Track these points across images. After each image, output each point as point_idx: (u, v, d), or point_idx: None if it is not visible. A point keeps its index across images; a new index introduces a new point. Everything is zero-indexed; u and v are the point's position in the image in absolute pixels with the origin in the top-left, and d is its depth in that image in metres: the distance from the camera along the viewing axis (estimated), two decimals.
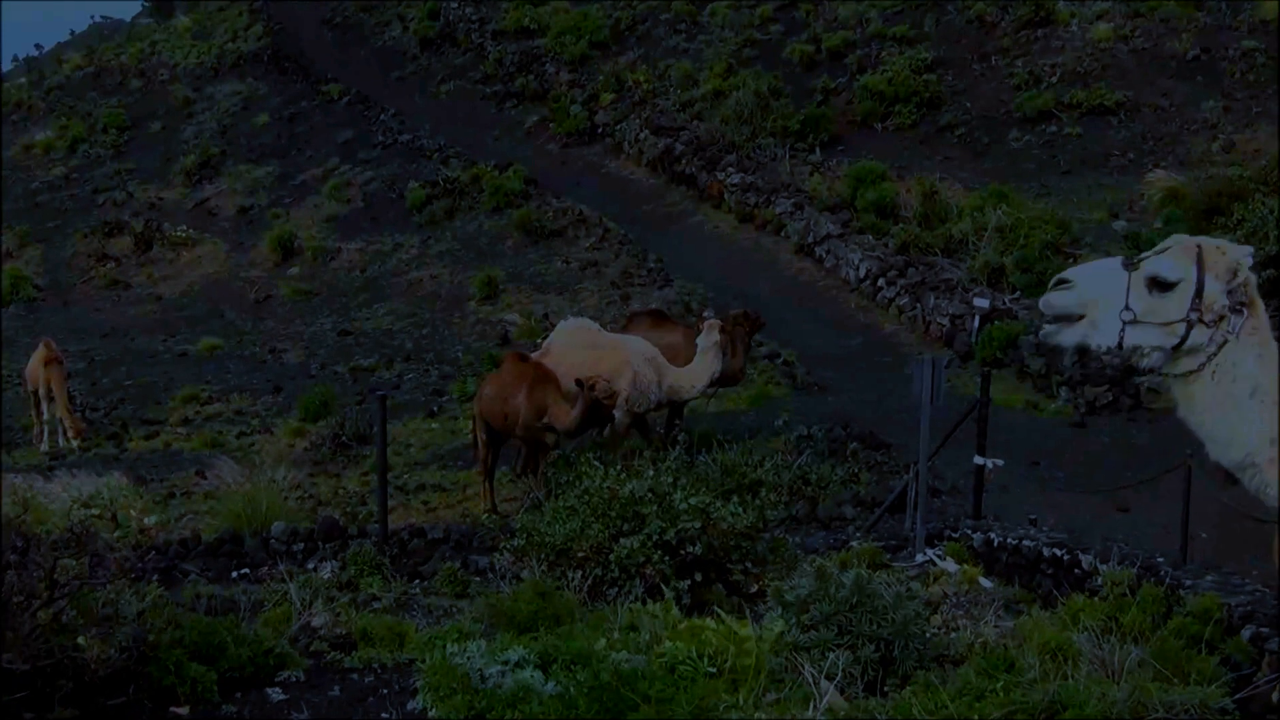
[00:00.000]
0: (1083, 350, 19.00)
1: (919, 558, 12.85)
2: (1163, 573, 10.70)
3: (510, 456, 16.84)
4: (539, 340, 24.25)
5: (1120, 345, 6.08)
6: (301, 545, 14.82)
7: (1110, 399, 19.12)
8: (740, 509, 11.18)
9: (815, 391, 20.65)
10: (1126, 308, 6.09)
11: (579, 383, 15.76)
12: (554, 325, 24.91)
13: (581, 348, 17.10)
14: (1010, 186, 25.91)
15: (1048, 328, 6.16)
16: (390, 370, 24.17)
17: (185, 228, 35.00)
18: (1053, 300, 6.20)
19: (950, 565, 12.51)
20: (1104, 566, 11.17)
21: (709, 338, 17.62)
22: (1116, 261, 6.42)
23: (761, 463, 15.69)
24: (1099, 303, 6.07)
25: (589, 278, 27.24)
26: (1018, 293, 22.34)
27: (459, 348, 25.15)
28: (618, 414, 16.93)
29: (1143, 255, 6.19)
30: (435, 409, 21.56)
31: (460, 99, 38.45)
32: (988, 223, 24.00)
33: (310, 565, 14.02)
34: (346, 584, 12.19)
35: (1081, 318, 6.13)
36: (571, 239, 29.28)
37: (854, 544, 13.28)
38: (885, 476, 16.40)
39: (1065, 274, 6.19)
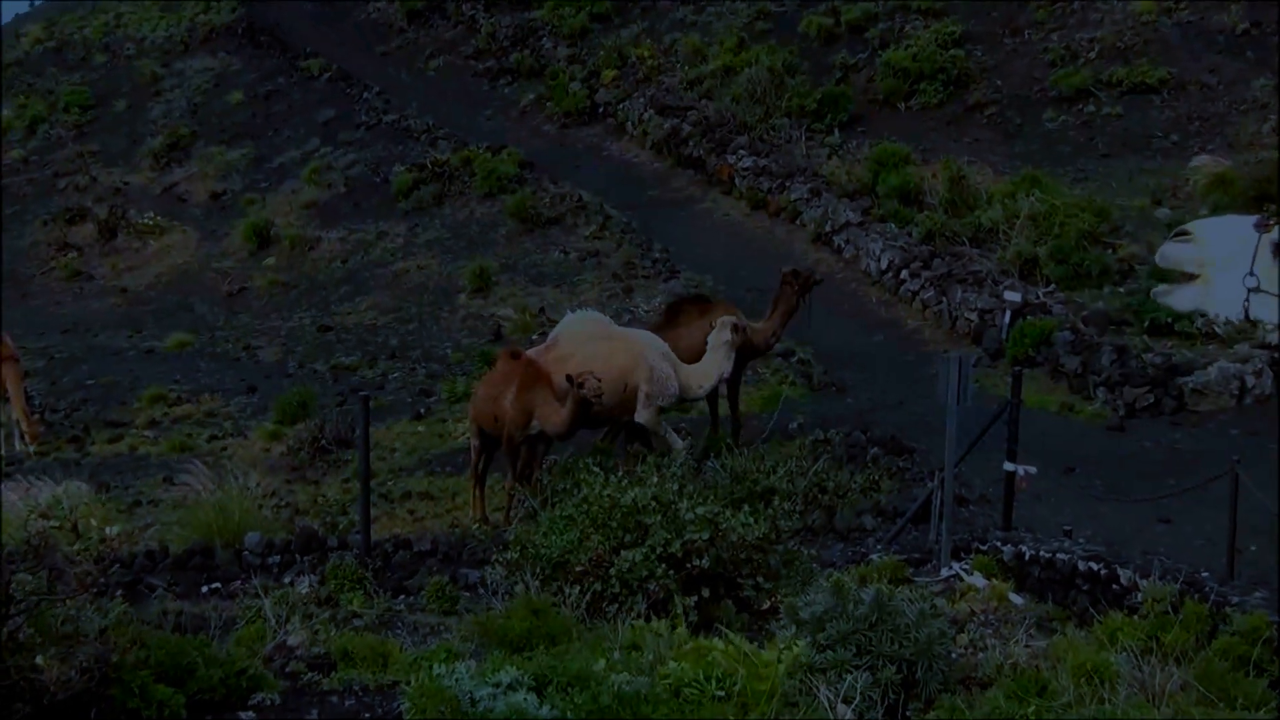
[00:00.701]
0: (1121, 350, 18.84)
1: (944, 572, 12.86)
2: (1207, 589, 10.72)
3: (504, 462, 16.84)
4: (534, 336, 24.38)
5: (1246, 316, 6.03)
6: (277, 558, 14.82)
7: (1151, 401, 19.12)
8: (751, 519, 11.21)
9: (833, 392, 20.65)
10: (1251, 273, 6.03)
11: (569, 379, 15.82)
12: (551, 320, 25.02)
13: (591, 340, 17.24)
14: (1044, 171, 25.88)
15: (1160, 286, 6.14)
16: (374, 369, 24.18)
17: (153, 215, 35.02)
18: (1168, 252, 6.14)
19: (978, 580, 12.52)
20: (1144, 582, 11.19)
21: (720, 336, 17.70)
22: (1247, 220, 6.35)
23: (774, 469, 15.68)
24: (1219, 262, 5.99)
25: (589, 269, 27.26)
26: (1052, 286, 22.34)
27: (448, 344, 25.16)
28: (643, 413, 17.14)
29: (1277, 217, 6.11)
30: (422, 410, 21.57)
31: (450, 76, 38.48)
32: (1020, 210, 23.98)
33: (287, 579, 14.01)
34: (326, 600, 12.19)
35: (1198, 278, 6.07)
36: (570, 227, 29.28)
37: (874, 557, 13.30)
38: (908, 484, 16.40)
39: (1187, 225, 6.11)
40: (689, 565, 10.62)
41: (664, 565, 10.55)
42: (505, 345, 21.45)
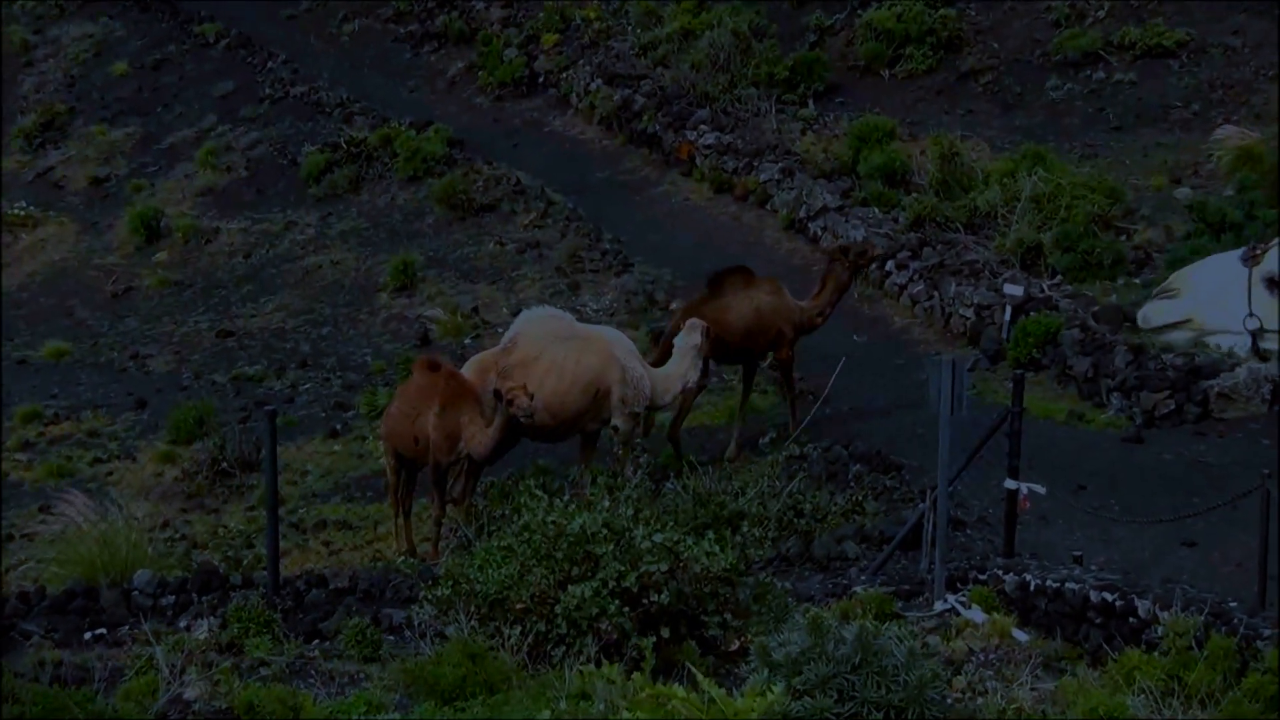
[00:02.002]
0: (1137, 350, 19.02)
1: (938, 605, 12.92)
2: (1236, 621, 10.81)
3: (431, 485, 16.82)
4: (467, 340, 24.37)
5: (1257, 353, 6.16)
6: (172, 598, 14.75)
7: (1172, 407, 19.21)
8: (717, 547, 11.24)
9: (809, 401, 20.67)
10: (1250, 314, 6.13)
11: (496, 395, 15.87)
12: (485, 322, 25.07)
13: (555, 341, 17.47)
14: (1048, 146, 25.98)
15: (1159, 340, 6.25)
16: (282, 380, 24.09)
17: (24, 204, 34.77)
18: (1150, 314, 6.24)
19: (976, 614, 12.58)
20: (1165, 614, 11.27)
21: (688, 339, 17.82)
22: (1231, 256, 6.45)
23: (743, 490, 15.72)
24: (1212, 308, 6.11)
25: (529, 262, 27.22)
26: (1058, 277, 22.44)
27: (367, 351, 25.10)
28: (619, 420, 17.43)
29: (1263, 245, 6.23)
30: (338, 427, 21.50)
31: (367, 42, 38.37)
32: (1021, 191, 24.08)
33: (182, 623, 13.96)
34: (228, 646, 12.15)
35: (1190, 325, 6.19)
36: (506, 215, 29.23)
37: (857, 589, 13.34)
38: (896, 506, 16.44)
39: (1171, 279, 6.26)
40: (646, 601, 10.65)
41: (617, 601, 10.57)
42: (431, 351, 21.44)
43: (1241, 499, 13.41)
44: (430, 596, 11.63)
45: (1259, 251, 19.13)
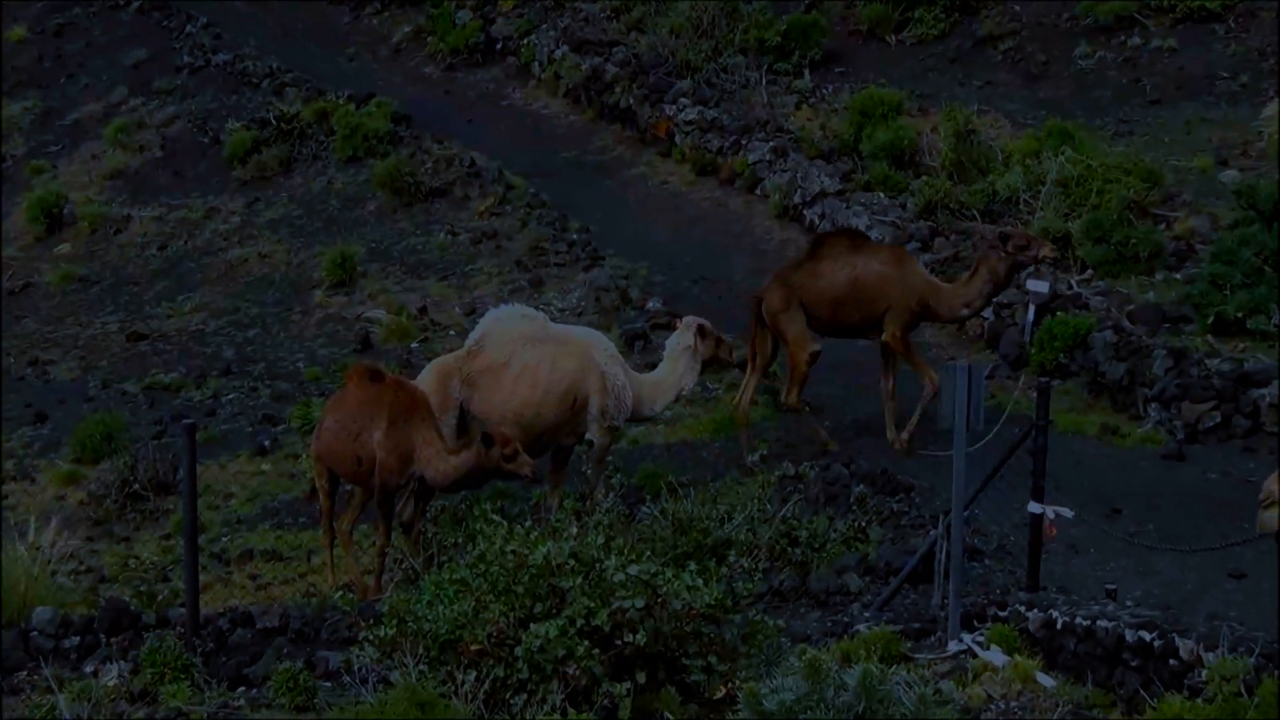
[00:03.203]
0: (1178, 355, 19.04)
1: (952, 646, 12.93)
2: None
3: (374, 509, 16.78)
4: (414, 345, 24.30)
5: None
6: (76, 639, 14.71)
7: (1218, 420, 19.23)
8: (700, 580, 11.23)
9: (805, 413, 20.68)
10: None
11: (486, 438, 15.76)
12: (435, 324, 25.03)
13: (527, 344, 17.49)
14: (1077, 123, 26.01)
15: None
16: (202, 389, 24.00)
17: None
18: None
19: (996, 656, 12.59)
20: (1210, 655, 11.31)
21: (681, 339, 17.87)
22: None
23: (730, 515, 15.69)
24: None
25: (485, 255, 27.18)
26: (1088, 271, 22.47)
27: (300, 356, 25.05)
28: (595, 433, 17.48)
29: None
30: (267, 443, 21.44)
31: (301, 3, 38.33)
32: (1046, 174, 24.10)
33: (89, 668, 13.92)
34: (140, 694, 12.13)
35: None
36: (460, 200, 29.20)
37: (860, 628, 13.34)
38: (904, 532, 16.46)
39: None
40: (619, 642, 10.64)
41: (586, 642, 10.56)
42: (373, 357, 21.41)
43: None
44: (372, 637, 11.60)
45: None
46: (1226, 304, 20.27)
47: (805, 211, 26.72)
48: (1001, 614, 13.63)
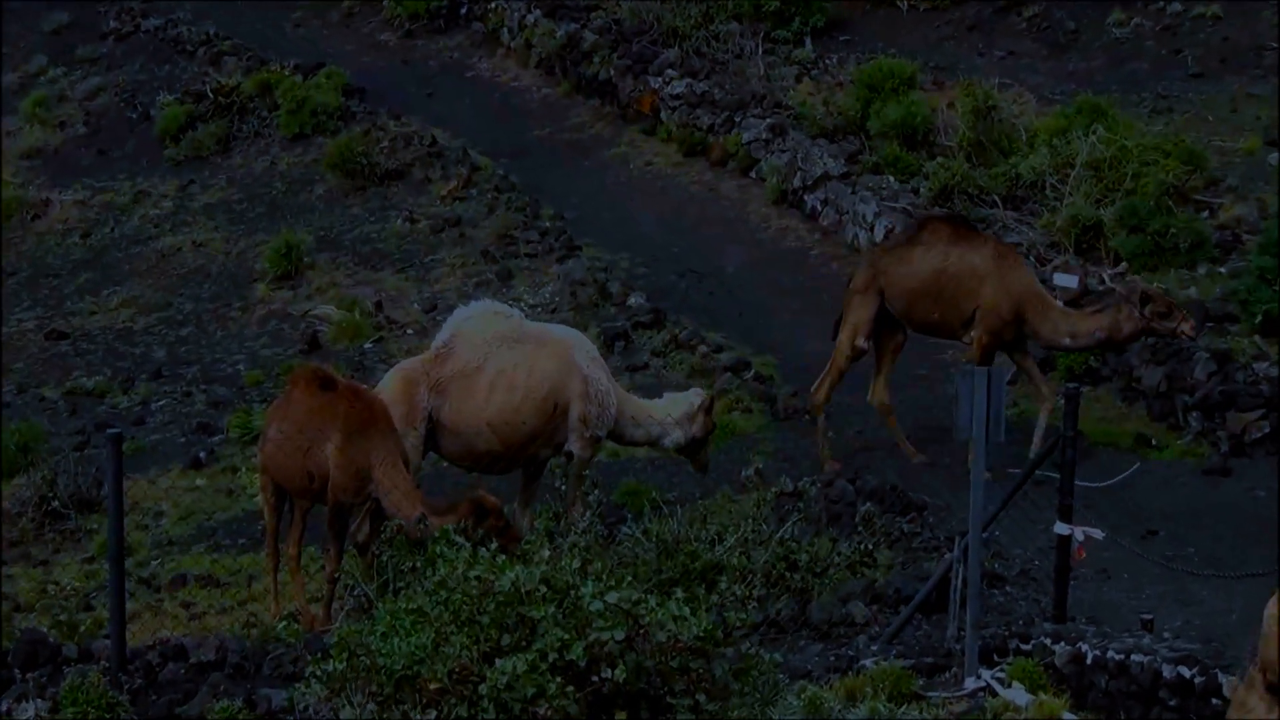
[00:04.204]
0: (1222, 358, 19.05)
1: (969, 683, 12.96)
2: None
3: (324, 528, 16.79)
4: (367, 345, 24.29)
5: None
6: None
7: (1266, 430, 19.22)
8: (687, 610, 11.22)
9: (807, 423, 20.71)
10: None
11: (477, 506, 15.63)
12: (392, 322, 25.01)
13: (503, 345, 17.52)
14: (1110, 98, 26.08)
15: None
16: (130, 395, 24.00)
17: None
18: None
19: (1019, 695, 12.62)
20: None
21: (691, 398, 18.02)
22: None
23: (721, 536, 15.70)
24: None
25: (447, 244, 27.16)
26: (1123, 264, 22.51)
27: (239, 358, 25.03)
28: (575, 444, 17.52)
29: None
30: (202, 456, 21.44)
31: None
32: (1075, 155, 24.17)
33: (2, 706, 13.90)
34: None
35: None
36: (419, 183, 29.20)
37: (867, 663, 13.35)
38: (916, 556, 16.48)
39: None
40: (596, 678, 10.63)
41: (559, 679, 10.54)
42: (322, 359, 21.39)
43: None
44: (319, 672, 11.58)
45: None
46: (1276, 301, 20.27)
47: (806, 197, 26.78)
48: (1024, 647, 13.65)
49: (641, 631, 10.93)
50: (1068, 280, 21.71)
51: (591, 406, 17.45)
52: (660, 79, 29.84)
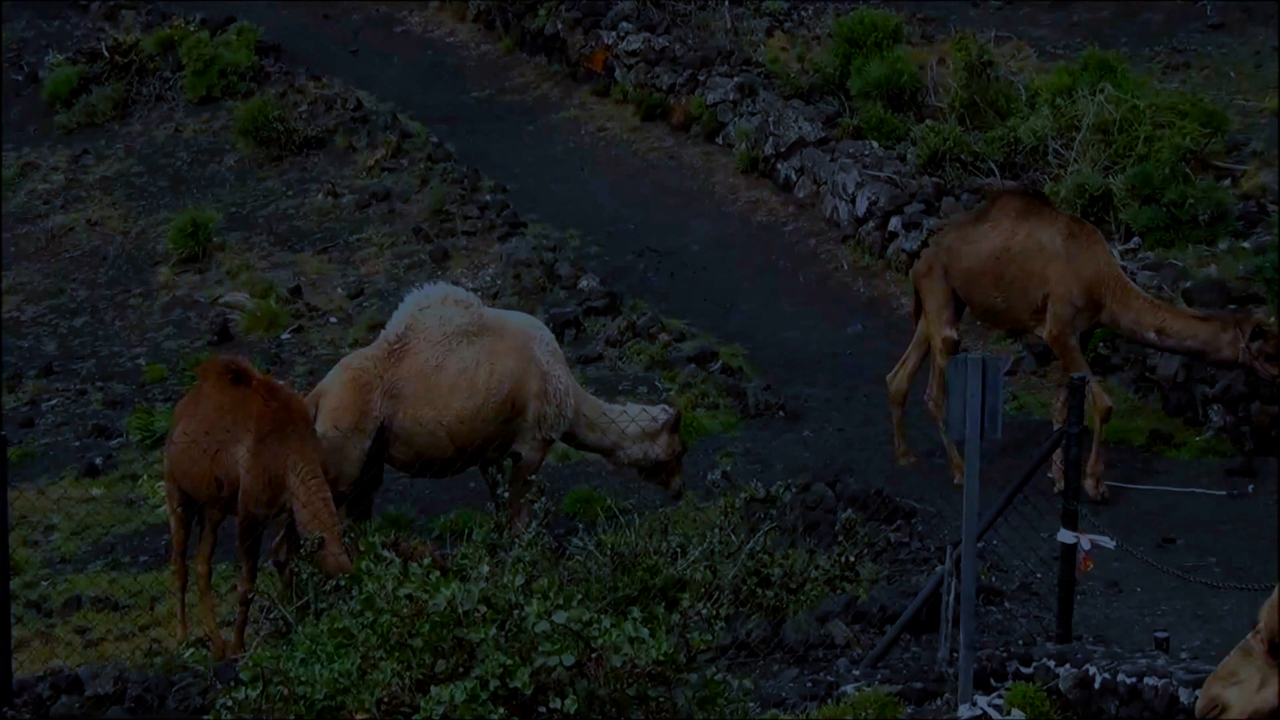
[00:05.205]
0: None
1: (964, 711, 12.96)
2: None
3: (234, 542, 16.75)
4: (285, 335, 24.24)
5: None
6: None
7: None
8: (645, 631, 11.20)
9: (781, 420, 20.74)
10: None
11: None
12: (312, 308, 24.92)
13: (462, 339, 17.46)
14: (1120, 52, 26.15)
15: None
16: (16, 393, 23.95)
17: None
18: None
19: None
20: None
21: (658, 413, 18.07)
22: None
23: (684, 549, 15.66)
24: None
25: (374, 221, 27.15)
26: (1135, 240, 22.55)
27: (140, 351, 24.99)
28: (526, 447, 17.52)
29: None
30: (98, 462, 21.39)
31: None
32: (1081, 117, 24.22)
33: None
34: None
35: None
36: (343, 153, 29.21)
37: (848, 689, 13.35)
38: (904, 569, 16.49)
39: None
40: (543, 709, 10.62)
41: (502, 709, 10.55)
42: (234, 351, 21.31)
43: None
44: (231, 703, 11.56)
45: None
46: None
47: (779, 165, 26.84)
48: (1025, 670, 13.65)
49: (594, 656, 10.92)
50: None
51: (549, 407, 17.42)
52: (614, 33, 29.91)
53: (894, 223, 24.59)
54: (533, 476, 17.36)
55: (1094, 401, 18.20)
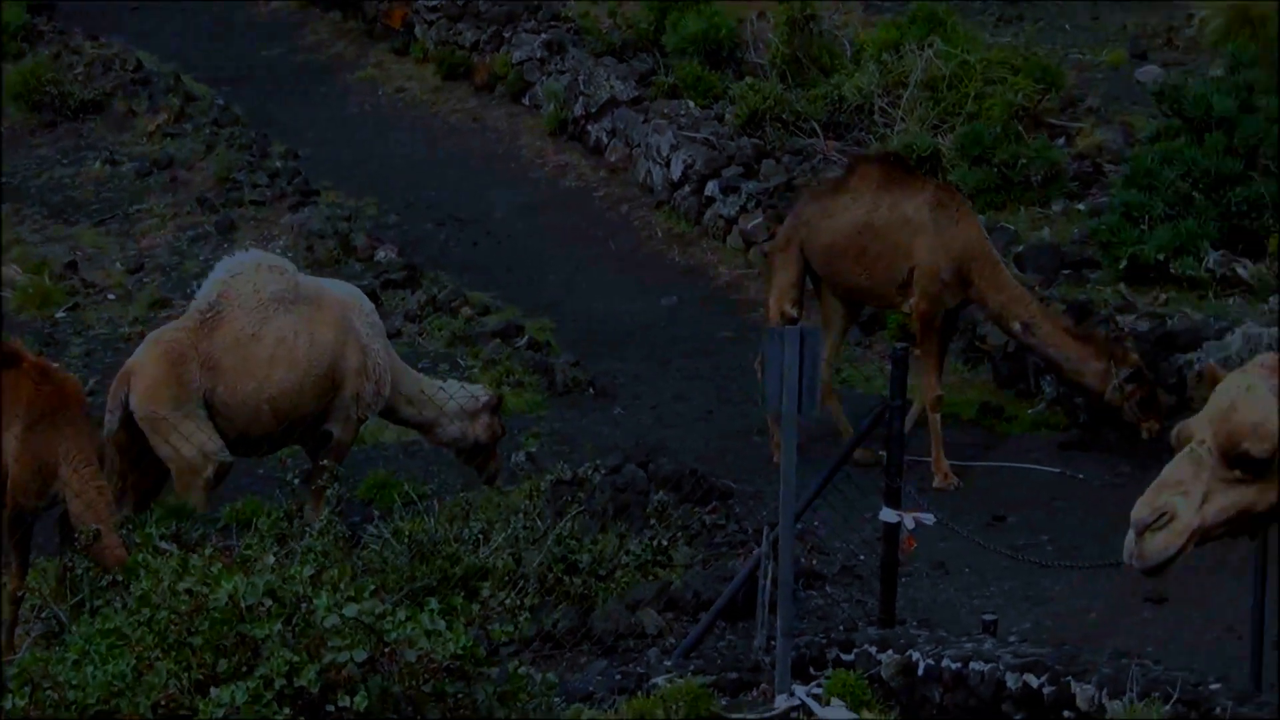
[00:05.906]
0: (1082, 311, 19.14)
1: (781, 701, 13.01)
2: (1219, 711, 11.09)
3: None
4: (60, 313, 24.09)
5: None
6: None
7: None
8: (443, 623, 11.25)
9: (591, 398, 20.82)
10: None
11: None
12: (89, 285, 24.77)
13: (279, 307, 17.27)
14: (949, 5, 26.34)
15: None
16: None
17: None
18: None
19: (839, 713, 12.73)
20: (1115, 703, 11.51)
21: (478, 393, 18.13)
22: None
23: (487, 535, 15.73)
24: None
25: (156, 191, 27.00)
26: (966, 201, 22.76)
27: None
28: (338, 426, 17.44)
29: None
30: None
31: None
32: (909, 73, 24.42)
33: None
34: None
35: None
36: (122, 117, 29.04)
37: (659, 681, 13.39)
38: (719, 552, 16.52)
39: None
40: (332, 708, 10.64)
41: (287, 709, 10.54)
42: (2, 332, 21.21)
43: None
44: None
45: None
46: (1144, 243, 20.46)
47: (589, 127, 26.90)
48: (846, 657, 13.64)
49: (387, 651, 10.92)
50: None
51: (368, 384, 17.31)
52: None
53: (711, 187, 24.69)
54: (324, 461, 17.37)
55: (924, 389, 18.40)
